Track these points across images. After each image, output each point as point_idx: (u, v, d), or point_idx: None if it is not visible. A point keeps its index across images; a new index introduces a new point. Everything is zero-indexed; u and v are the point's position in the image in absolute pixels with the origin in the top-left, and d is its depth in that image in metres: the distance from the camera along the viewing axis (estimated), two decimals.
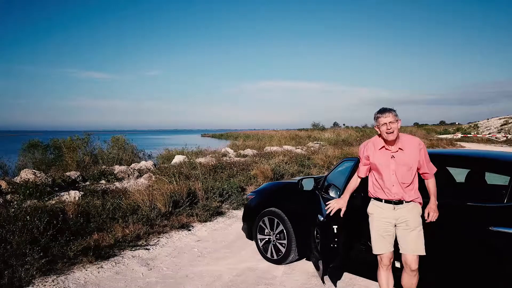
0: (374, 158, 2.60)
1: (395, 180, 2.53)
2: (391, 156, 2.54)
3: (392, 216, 2.56)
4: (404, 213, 2.54)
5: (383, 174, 2.56)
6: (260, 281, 3.40)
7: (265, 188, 4.37)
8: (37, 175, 6.07)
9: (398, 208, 2.54)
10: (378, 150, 2.59)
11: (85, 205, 4.78)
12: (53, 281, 3.29)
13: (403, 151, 2.53)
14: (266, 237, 3.92)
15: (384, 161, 2.56)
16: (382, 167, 2.56)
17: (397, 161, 2.53)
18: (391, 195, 2.55)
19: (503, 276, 2.37)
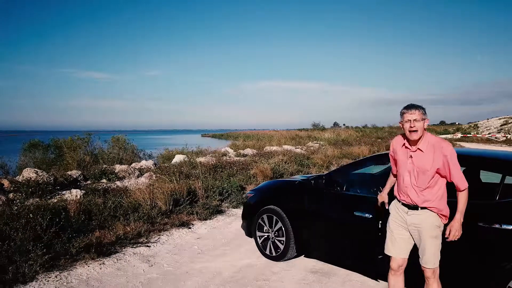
0: (397, 155, 2.51)
1: (409, 182, 2.38)
2: (409, 156, 2.40)
3: (406, 220, 2.44)
4: (417, 220, 2.38)
5: (401, 174, 2.45)
6: (259, 277, 3.47)
7: (264, 186, 4.43)
8: (39, 174, 6.14)
9: (412, 214, 2.40)
10: (400, 147, 2.48)
11: (86, 203, 4.85)
12: (56, 276, 3.36)
13: (423, 153, 2.35)
14: (265, 234, 3.98)
15: (403, 160, 2.44)
16: (401, 166, 2.45)
17: (414, 161, 2.37)
18: (406, 197, 2.42)
19: (492, 270, 2.44)
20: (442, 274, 2.68)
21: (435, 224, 2.37)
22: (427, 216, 2.36)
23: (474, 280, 2.56)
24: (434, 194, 2.35)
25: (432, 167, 2.30)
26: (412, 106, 2.36)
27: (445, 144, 2.34)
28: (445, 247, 2.68)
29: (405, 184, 2.41)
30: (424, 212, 2.37)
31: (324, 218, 3.52)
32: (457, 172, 2.32)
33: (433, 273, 2.41)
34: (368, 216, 3.00)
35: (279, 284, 3.32)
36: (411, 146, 2.40)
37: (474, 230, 2.54)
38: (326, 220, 3.50)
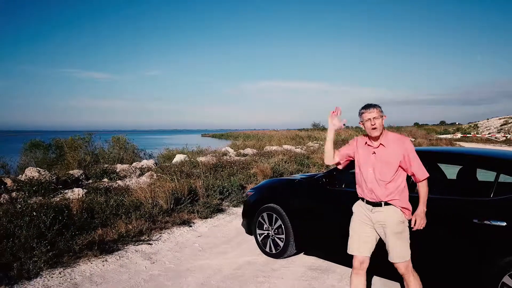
0: (358, 154, 2.58)
1: (373, 177, 2.46)
2: (372, 153, 2.50)
3: (370, 218, 2.51)
4: (382, 218, 2.46)
5: (363, 172, 2.52)
6: (259, 274, 3.53)
7: (264, 185, 4.50)
8: (41, 173, 6.21)
9: (376, 211, 2.47)
10: (362, 146, 2.57)
11: (89, 202, 4.91)
12: (60, 273, 3.42)
13: (385, 147, 2.47)
14: (265, 232, 4.05)
15: (366, 157, 2.52)
16: (363, 163, 2.53)
17: (377, 157, 2.47)
18: (369, 194, 2.49)
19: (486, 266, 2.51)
20: (437, 270, 2.75)
21: (399, 220, 2.46)
22: (391, 213, 2.45)
23: (468, 276, 2.62)
24: (396, 188, 2.45)
25: (395, 160, 2.43)
26: (370, 105, 2.47)
27: (404, 138, 2.52)
28: (440, 243, 2.76)
29: (369, 179, 2.48)
30: (388, 208, 2.45)
31: (324, 215, 3.57)
32: (417, 163, 2.46)
33: (406, 268, 2.46)
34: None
35: (279, 281, 3.38)
36: (373, 143, 2.50)
37: (469, 226, 2.61)
38: (326, 217, 3.55)
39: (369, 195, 2.50)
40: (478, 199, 2.71)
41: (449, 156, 3.34)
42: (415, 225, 2.49)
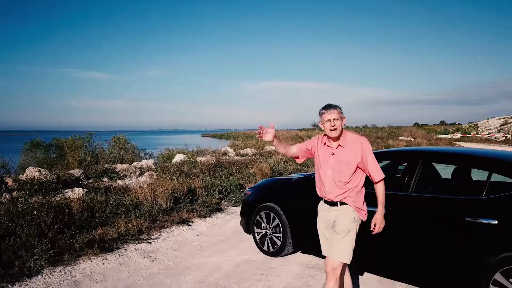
0: (317, 154, 2.56)
1: (331, 178, 2.45)
2: (331, 153, 2.48)
3: (328, 217, 2.52)
4: (336, 216, 2.47)
5: (322, 172, 2.51)
6: (257, 272, 3.58)
7: (262, 184, 4.55)
8: (42, 172, 6.27)
9: (332, 210, 2.49)
10: (322, 146, 2.54)
11: (89, 201, 4.97)
12: (61, 271, 3.48)
13: (343, 148, 2.46)
14: (262, 230, 4.10)
15: (325, 158, 2.50)
16: (322, 164, 2.51)
17: (335, 158, 2.46)
18: (327, 194, 2.49)
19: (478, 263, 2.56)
20: (431, 268, 2.80)
21: (351, 218, 2.44)
22: (344, 211, 2.45)
23: (461, 273, 2.67)
24: (353, 188, 2.45)
25: (353, 161, 2.43)
26: (330, 106, 2.45)
27: (361, 139, 2.51)
28: (434, 241, 2.81)
29: (328, 180, 2.46)
30: (343, 207, 2.45)
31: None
32: (373, 164, 2.46)
33: (335, 269, 2.40)
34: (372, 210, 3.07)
35: (276, 279, 3.43)
36: (332, 144, 2.49)
37: (462, 224, 2.66)
38: None
39: (327, 195, 2.49)
40: (470, 198, 2.77)
41: (444, 156, 3.40)
42: (374, 228, 2.49)
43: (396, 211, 3.00)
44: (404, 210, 3.01)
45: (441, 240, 2.78)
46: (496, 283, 2.50)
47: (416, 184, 3.06)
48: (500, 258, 2.48)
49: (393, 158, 3.98)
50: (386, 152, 3.88)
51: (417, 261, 2.92)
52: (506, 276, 2.46)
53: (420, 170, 3.11)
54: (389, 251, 3.08)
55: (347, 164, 2.43)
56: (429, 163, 3.29)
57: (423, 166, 3.14)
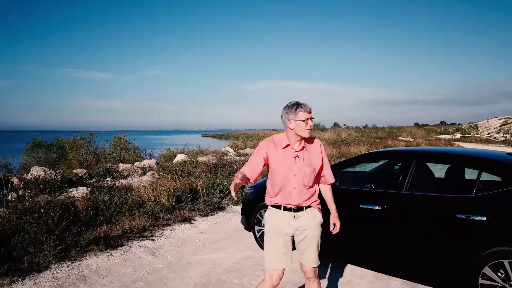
0: (275, 157, 2.29)
1: (296, 182, 2.26)
2: (294, 156, 2.28)
3: (293, 226, 2.30)
4: (305, 222, 2.31)
5: (284, 176, 2.26)
6: (256, 268, 3.71)
7: (261, 183, 4.67)
8: (46, 172, 6.40)
9: (298, 216, 2.30)
10: (282, 149, 2.30)
11: (93, 200, 5.10)
12: (68, 266, 3.61)
13: (308, 151, 2.32)
14: (263, 228, 4.23)
15: (286, 161, 2.27)
16: (284, 168, 2.27)
17: (300, 161, 2.28)
18: (291, 200, 2.28)
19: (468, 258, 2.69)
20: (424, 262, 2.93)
21: (319, 221, 2.37)
22: (313, 216, 2.34)
23: (453, 267, 2.80)
24: (315, 191, 2.38)
25: (317, 163, 2.33)
26: (305, 104, 2.26)
27: (319, 141, 2.42)
28: (427, 237, 2.94)
29: (291, 185, 2.27)
30: (309, 211, 2.34)
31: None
32: (328, 166, 2.43)
33: (315, 272, 2.38)
34: (378, 208, 3.18)
35: None
36: (295, 146, 2.30)
37: (453, 221, 2.79)
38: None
39: (291, 201, 2.29)
40: (461, 195, 2.89)
41: (436, 156, 3.53)
42: (334, 228, 2.45)
43: (390, 209, 3.14)
44: (398, 207, 3.14)
45: (434, 235, 2.91)
46: (485, 276, 2.63)
47: (410, 183, 3.19)
48: (488, 253, 2.61)
49: (389, 158, 4.12)
50: (382, 152, 4.01)
51: (411, 256, 3.05)
52: (494, 270, 2.59)
53: (413, 169, 3.24)
54: (385, 247, 3.20)
55: (312, 166, 2.30)
56: (423, 162, 3.42)
57: (416, 166, 3.27)
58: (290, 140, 2.29)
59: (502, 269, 2.56)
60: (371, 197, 3.34)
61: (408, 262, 3.07)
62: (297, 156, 2.28)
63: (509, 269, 2.53)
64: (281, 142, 2.31)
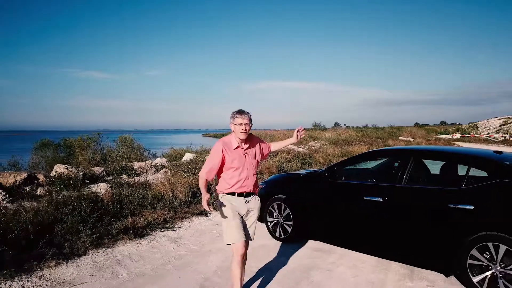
0: (231, 157, 2.83)
1: (248, 173, 2.88)
2: (244, 153, 2.89)
3: (245, 207, 2.90)
4: (253, 205, 2.95)
5: (240, 170, 2.85)
6: (271, 254, 4.14)
7: (273, 179, 5.11)
8: (69, 169, 6.82)
9: (249, 200, 2.93)
10: (234, 150, 2.86)
11: (117, 194, 5.53)
12: (103, 252, 4.04)
13: (252, 148, 2.96)
14: (274, 219, 4.66)
15: (239, 159, 2.85)
16: (240, 164, 2.84)
17: (249, 156, 2.91)
18: (246, 188, 2.88)
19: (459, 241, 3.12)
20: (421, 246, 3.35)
21: (259, 205, 3.03)
22: (257, 200, 3.01)
23: (445, 250, 3.22)
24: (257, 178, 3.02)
25: (258, 156, 3.02)
26: (243, 112, 2.82)
27: (256, 136, 3.06)
28: (423, 224, 3.36)
29: (245, 176, 2.87)
30: (255, 197, 3.00)
31: (327, 204, 4.17)
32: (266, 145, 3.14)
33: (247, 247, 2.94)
34: (380, 200, 3.61)
35: (288, 259, 3.99)
36: (243, 145, 2.89)
37: (446, 210, 3.21)
38: (329, 206, 4.16)
39: (245, 189, 2.89)
40: (452, 188, 3.33)
41: (431, 154, 3.97)
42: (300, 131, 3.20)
43: (391, 200, 3.57)
44: (398, 199, 3.57)
45: (429, 223, 3.33)
46: (473, 257, 3.06)
47: (408, 177, 3.62)
48: (476, 237, 3.04)
49: (389, 156, 4.55)
50: (383, 150, 4.45)
51: (408, 242, 3.48)
52: (480, 252, 3.02)
53: (411, 165, 3.67)
54: (385, 235, 3.63)
55: (256, 159, 2.99)
56: (419, 159, 3.86)
57: (414, 162, 3.70)
58: (237, 140, 2.87)
59: (487, 250, 2.99)
60: (374, 190, 3.78)
61: (407, 247, 3.50)
62: (246, 153, 2.91)
63: (493, 250, 2.96)
64: (231, 144, 2.87)
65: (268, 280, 3.46)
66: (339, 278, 3.50)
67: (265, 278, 3.51)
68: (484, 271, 3.00)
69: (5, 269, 3.32)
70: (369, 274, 3.58)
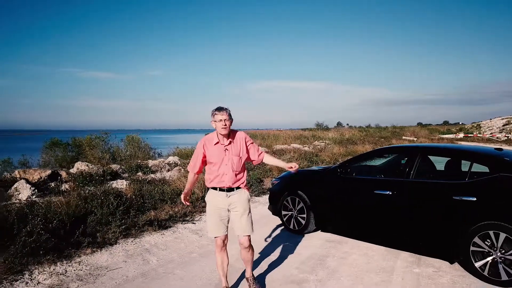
0: (210, 152, 2.93)
1: (229, 169, 2.90)
2: (224, 149, 2.92)
3: (226, 202, 2.94)
4: (235, 199, 2.94)
5: (218, 166, 2.91)
6: (286, 245, 4.44)
7: (287, 175, 5.41)
8: (89, 166, 7.16)
9: (230, 195, 2.93)
10: (214, 145, 2.93)
11: (138, 190, 5.85)
12: (132, 241, 4.37)
13: (234, 144, 2.95)
14: (289, 213, 4.97)
15: (218, 154, 2.91)
16: (217, 159, 2.91)
17: (230, 152, 2.92)
18: (225, 183, 2.91)
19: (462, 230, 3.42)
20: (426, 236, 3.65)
21: (247, 198, 3.01)
22: (242, 193, 2.98)
23: (450, 238, 3.52)
24: (243, 175, 3.02)
25: (242, 153, 2.98)
26: (222, 108, 2.86)
27: (241, 133, 3.04)
28: (430, 215, 3.66)
29: (225, 172, 2.91)
30: (239, 191, 2.98)
31: (339, 198, 4.48)
32: (254, 151, 3.07)
33: (249, 241, 3.00)
34: (389, 193, 3.91)
35: (303, 249, 4.30)
36: (224, 141, 2.92)
37: (450, 202, 3.51)
38: (341, 199, 4.46)
39: (224, 184, 2.92)
40: (457, 182, 3.63)
41: (436, 151, 4.28)
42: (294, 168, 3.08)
43: (400, 193, 3.87)
44: (406, 192, 3.87)
45: (435, 214, 3.63)
46: (475, 244, 3.36)
47: (415, 172, 3.92)
48: (478, 226, 3.34)
49: (397, 153, 4.86)
50: (392, 148, 4.75)
51: (416, 232, 3.78)
52: (482, 239, 3.32)
53: (418, 161, 3.97)
54: (394, 226, 3.93)
55: (237, 155, 2.95)
56: (425, 156, 4.16)
57: (420, 159, 4.01)
58: (219, 137, 2.92)
59: (488, 238, 3.29)
60: (384, 184, 4.08)
61: (415, 237, 3.80)
62: (227, 149, 2.93)
63: (494, 238, 3.26)
64: (212, 140, 2.95)
65: (287, 267, 3.77)
66: (352, 264, 3.81)
67: (283, 265, 3.82)
68: (485, 257, 3.30)
69: (48, 255, 3.66)
70: (380, 261, 3.89)
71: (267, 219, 5.55)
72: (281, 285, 3.34)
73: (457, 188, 3.55)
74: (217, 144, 2.92)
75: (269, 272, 3.66)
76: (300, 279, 3.46)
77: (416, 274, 3.54)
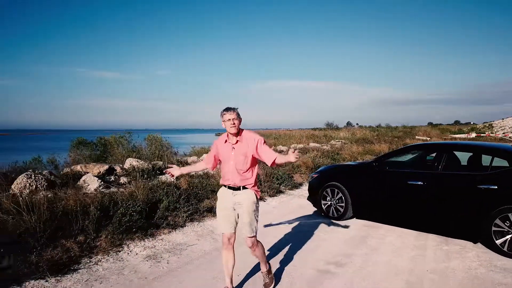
0: (220, 151, 3.03)
1: (234, 168, 2.92)
2: (232, 148, 2.95)
3: (232, 201, 2.96)
4: (240, 199, 2.93)
5: (225, 164, 2.99)
6: (328, 230, 5.14)
7: (325, 169, 6.12)
8: (139, 162, 7.95)
9: (236, 194, 2.94)
10: (223, 144, 3.01)
11: (189, 182, 6.61)
12: (198, 224, 5.13)
13: (241, 143, 2.93)
14: (328, 202, 5.68)
15: (226, 152, 2.97)
16: (225, 157, 2.98)
17: (235, 151, 2.93)
18: (230, 181, 2.94)
19: (485, 214, 4.08)
20: (454, 220, 4.32)
21: (253, 200, 2.95)
22: (248, 194, 2.95)
23: (475, 221, 4.19)
24: (251, 175, 2.98)
25: (249, 153, 2.92)
26: (229, 108, 2.91)
27: (254, 134, 2.98)
28: (457, 202, 4.32)
29: (230, 170, 2.94)
30: (245, 191, 2.95)
31: (374, 189, 5.16)
32: (265, 153, 2.93)
33: (252, 243, 2.99)
34: (421, 184, 4.59)
35: (344, 232, 4.99)
36: (232, 140, 2.96)
37: (476, 190, 4.18)
38: (376, 190, 5.15)
39: (231, 182, 2.96)
40: (481, 173, 4.30)
41: (461, 147, 4.97)
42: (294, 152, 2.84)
43: (430, 184, 4.54)
44: (436, 182, 4.55)
45: (462, 200, 4.31)
46: (496, 225, 4.03)
47: (443, 166, 4.60)
48: (498, 209, 4.01)
49: (424, 150, 5.53)
50: (421, 145, 5.46)
51: (445, 216, 4.45)
52: (502, 221, 3.99)
53: (445, 156, 4.65)
54: (426, 211, 4.61)
55: (245, 155, 2.92)
56: (451, 151, 4.84)
57: (447, 154, 4.68)
58: (228, 136, 2.98)
59: (508, 220, 3.96)
60: (416, 176, 4.76)
61: (443, 221, 4.48)
62: (234, 147, 2.95)
63: None
64: (223, 139, 3.04)
65: (335, 245, 4.48)
66: (390, 243, 4.50)
67: (331, 243, 4.53)
68: (505, 235, 3.98)
69: (137, 233, 4.43)
70: (413, 241, 4.57)
71: (304, 210, 6.27)
72: (334, 257, 4.04)
73: (481, 178, 4.22)
74: (226, 143, 3.00)
75: (320, 248, 4.36)
76: (348, 253, 4.17)
77: (446, 251, 4.22)
